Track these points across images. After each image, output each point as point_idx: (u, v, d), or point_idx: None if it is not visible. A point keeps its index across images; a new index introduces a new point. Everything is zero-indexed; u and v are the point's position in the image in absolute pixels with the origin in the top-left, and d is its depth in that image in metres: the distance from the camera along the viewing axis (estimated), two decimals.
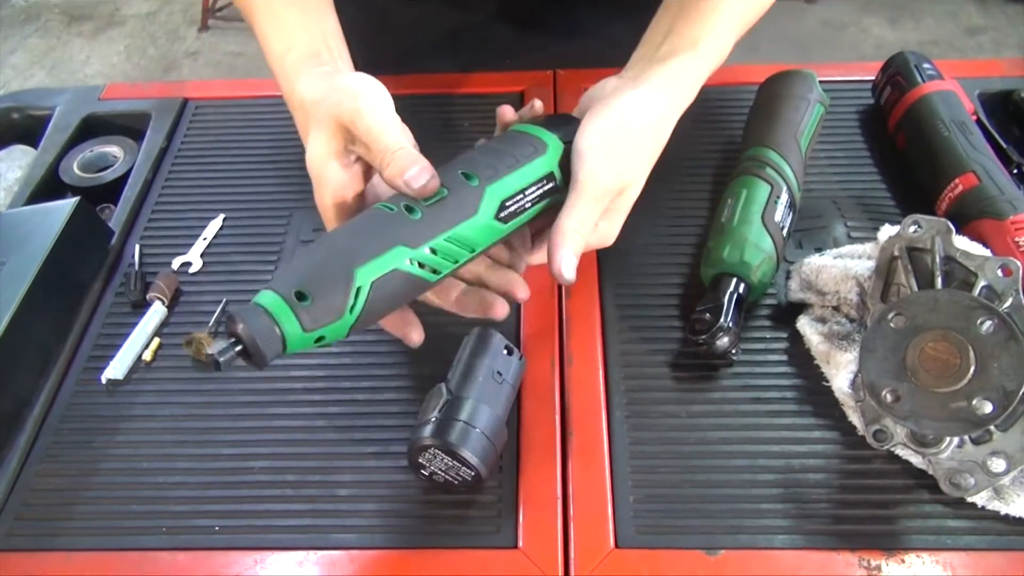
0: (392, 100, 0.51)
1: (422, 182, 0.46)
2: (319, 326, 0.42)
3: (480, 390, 0.54)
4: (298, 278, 0.42)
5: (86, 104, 0.85)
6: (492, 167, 0.50)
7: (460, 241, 0.47)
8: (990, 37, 2.59)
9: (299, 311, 0.42)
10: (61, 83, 2.68)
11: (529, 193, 0.51)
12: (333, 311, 0.43)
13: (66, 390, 0.61)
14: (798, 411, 0.58)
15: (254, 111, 0.83)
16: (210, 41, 2.81)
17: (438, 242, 0.46)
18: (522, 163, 0.51)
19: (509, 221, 0.50)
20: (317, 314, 0.42)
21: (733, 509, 0.53)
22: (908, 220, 0.56)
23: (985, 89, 0.80)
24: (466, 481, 0.52)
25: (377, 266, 0.44)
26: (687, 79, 0.57)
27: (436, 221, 0.47)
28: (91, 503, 0.55)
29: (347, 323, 0.43)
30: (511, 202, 0.50)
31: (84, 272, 0.68)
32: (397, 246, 0.45)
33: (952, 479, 0.52)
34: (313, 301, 0.42)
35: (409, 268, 0.45)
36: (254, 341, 0.41)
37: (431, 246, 0.46)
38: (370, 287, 0.44)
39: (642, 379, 0.60)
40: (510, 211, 0.50)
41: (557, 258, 0.49)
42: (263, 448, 0.57)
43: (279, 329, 0.41)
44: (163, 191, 0.76)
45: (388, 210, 0.46)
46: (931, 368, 0.49)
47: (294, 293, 0.42)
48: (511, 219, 0.50)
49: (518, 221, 0.51)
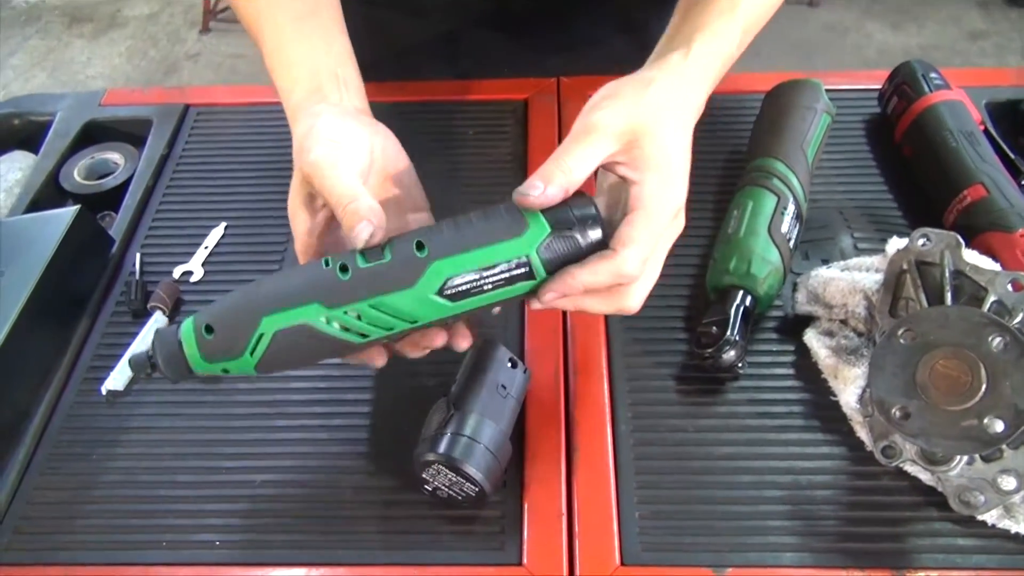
0: (369, 143, 0.51)
1: (363, 238, 0.45)
2: (220, 360, 0.47)
3: (484, 404, 0.53)
4: (213, 313, 0.47)
5: (87, 110, 0.84)
6: (451, 242, 0.46)
7: (391, 310, 0.46)
8: (993, 42, 2.59)
9: (202, 343, 0.46)
10: (62, 84, 2.67)
11: (489, 275, 0.46)
12: (233, 350, 0.46)
13: (66, 401, 0.61)
14: (805, 426, 0.57)
15: (256, 118, 0.82)
16: (211, 43, 2.81)
17: (362, 307, 0.45)
18: (488, 243, 0.46)
19: (459, 300, 0.46)
20: (217, 349, 0.46)
21: (740, 526, 0.53)
22: (917, 233, 0.56)
23: (992, 98, 0.79)
24: (470, 497, 0.52)
25: (284, 318, 0.46)
26: (688, 78, 0.53)
27: (364, 285, 0.46)
28: (91, 517, 0.55)
29: (248, 363, 0.47)
30: (461, 281, 0.46)
31: (84, 281, 0.67)
32: (312, 303, 0.45)
33: (962, 497, 0.51)
34: (216, 336, 0.46)
35: (324, 326, 0.46)
36: (158, 359, 0.47)
37: (354, 309, 0.45)
38: (272, 336, 0.46)
39: (647, 392, 0.59)
40: (459, 290, 0.46)
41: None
42: (265, 461, 0.57)
43: (183, 353, 0.47)
44: (164, 198, 0.75)
45: (324, 265, 0.47)
46: (942, 386, 0.49)
47: (204, 326, 0.46)
48: (462, 298, 0.46)
49: (473, 302, 0.47)
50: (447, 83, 0.84)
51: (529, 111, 0.81)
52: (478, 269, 0.46)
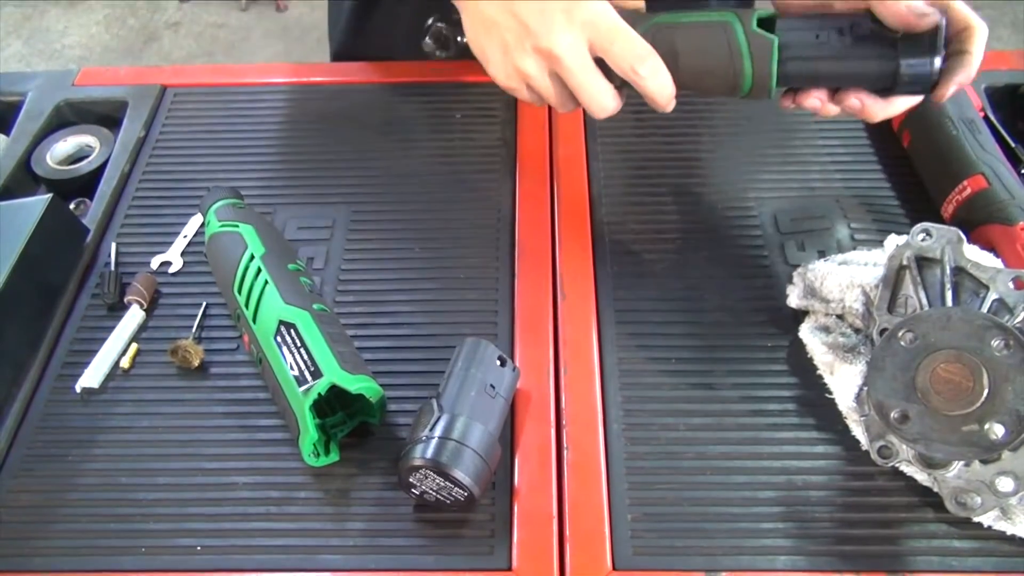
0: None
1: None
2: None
3: (473, 405, 0.52)
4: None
5: (59, 90, 0.81)
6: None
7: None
8: (984, 15, 2.52)
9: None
10: (38, 53, 2.61)
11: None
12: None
13: (39, 400, 0.59)
14: (800, 424, 0.56)
15: (236, 99, 0.80)
16: (192, 12, 2.74)
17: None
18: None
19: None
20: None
21: (733, 528, 0.52)
22: (917, 229, 0.54)
23: (991, 83, 0.77)
24: (458, 501, 0.51)
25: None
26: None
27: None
28: (67, 521, 0.53)
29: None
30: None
31: (57, 274, 0.65)
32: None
33: (958, 498, 0.50)
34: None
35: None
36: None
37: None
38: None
39: (640, 389, 0.58)
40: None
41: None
42: (247, 463, 0.55)
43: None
44: (140, 184, 0.73)
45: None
46: (943, 390, 0.48)
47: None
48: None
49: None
50: (435, 64, 0.81)
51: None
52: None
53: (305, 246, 0.67)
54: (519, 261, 0.66)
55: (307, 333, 0.54)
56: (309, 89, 0.81)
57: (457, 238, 0.68)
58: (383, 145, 0.75)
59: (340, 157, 0.74)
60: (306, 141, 0.76)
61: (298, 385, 0.52)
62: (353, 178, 0.72)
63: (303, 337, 0.54)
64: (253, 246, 0.59)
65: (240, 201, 0.64)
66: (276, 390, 0.54)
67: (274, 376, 0.54)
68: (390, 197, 0.71)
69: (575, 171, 0.72)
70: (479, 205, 0.70)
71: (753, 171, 0.72)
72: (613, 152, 0.74)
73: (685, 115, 0.75)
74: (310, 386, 0.52)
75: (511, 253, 0.66)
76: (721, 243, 0.67)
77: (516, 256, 0.66)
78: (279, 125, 0.77)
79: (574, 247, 0.66)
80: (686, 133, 0.75)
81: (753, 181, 0.71)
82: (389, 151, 0.75)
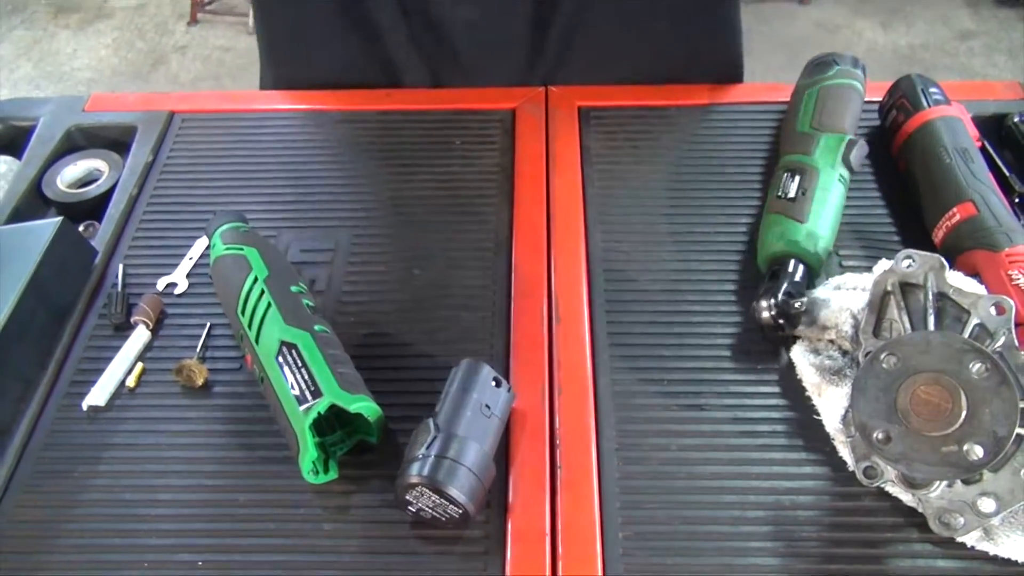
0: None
1: None
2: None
3: (468, 425, 0.53)
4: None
5: (70, 115, 0.83)
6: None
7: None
8: (982, 42, 2.59)
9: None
10: (47, 76, 2.64)
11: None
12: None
13: (47, 417, 0.60)
14: (789, 445, 0.58)
15: (241, 125, 0.82)
16: (199, 35, 2.78)
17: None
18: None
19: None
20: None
21: (723, 547, 0.53)
22: (901, 255, 0.56)
23: (978, 112, 0.79)
24: (454, 519, 0.52)
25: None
26: None
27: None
28: (72, 536, 0.54)
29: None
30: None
31: (67, 294, 0.67)
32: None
33: (942, 518, 0.52)
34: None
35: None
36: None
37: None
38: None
39: (632, 410, 0.59)
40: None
41: None
42: (248, 480, 0.57)
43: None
44: (148, 208, 0.75)
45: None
46: (922, 412, 0.49)
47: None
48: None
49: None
50: (434, 92, 0.84)
51: (516, 121, 0.81)
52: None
53: (308, 268, 0.69)
54: (515, 285, 0.67)
55: (308, 353, 0.56)
56: (312, 116, 0.83)
57: (455, 262, 0.69)
58: (384, 171, 0.77)
59: (342, 182, 0.76)
60: (309, 166, 0.78)
61: (299, 404, 0.54)
62: (355, 203, 0.74)
63: (304, 357, 0.55)
64: (257, 268, 0.61)
65: (245, 225, 0.66)
66: (277, 409, 0.56)
67: (275, 395, 0.56)
68: (390, 221, 0.73)
69: (571, 197, 0.73)
70: (477, 230, 0.72)
71: (746, 198, 0.73)
72: (608, 179, 0.75)
73: (679, 145, 0.77)
74: (310, 405, 0.53)
75: (508, 277, 0.68)
76: (713, 268, 0.68)
77: (512, 280, 0.68)
78: (283, 151, 0.80)
79: (569, 272, 0.68)
80: (680, 162, 0.77)
81: (746, 208, 0.72)
82: (390, 177, 0.77)
